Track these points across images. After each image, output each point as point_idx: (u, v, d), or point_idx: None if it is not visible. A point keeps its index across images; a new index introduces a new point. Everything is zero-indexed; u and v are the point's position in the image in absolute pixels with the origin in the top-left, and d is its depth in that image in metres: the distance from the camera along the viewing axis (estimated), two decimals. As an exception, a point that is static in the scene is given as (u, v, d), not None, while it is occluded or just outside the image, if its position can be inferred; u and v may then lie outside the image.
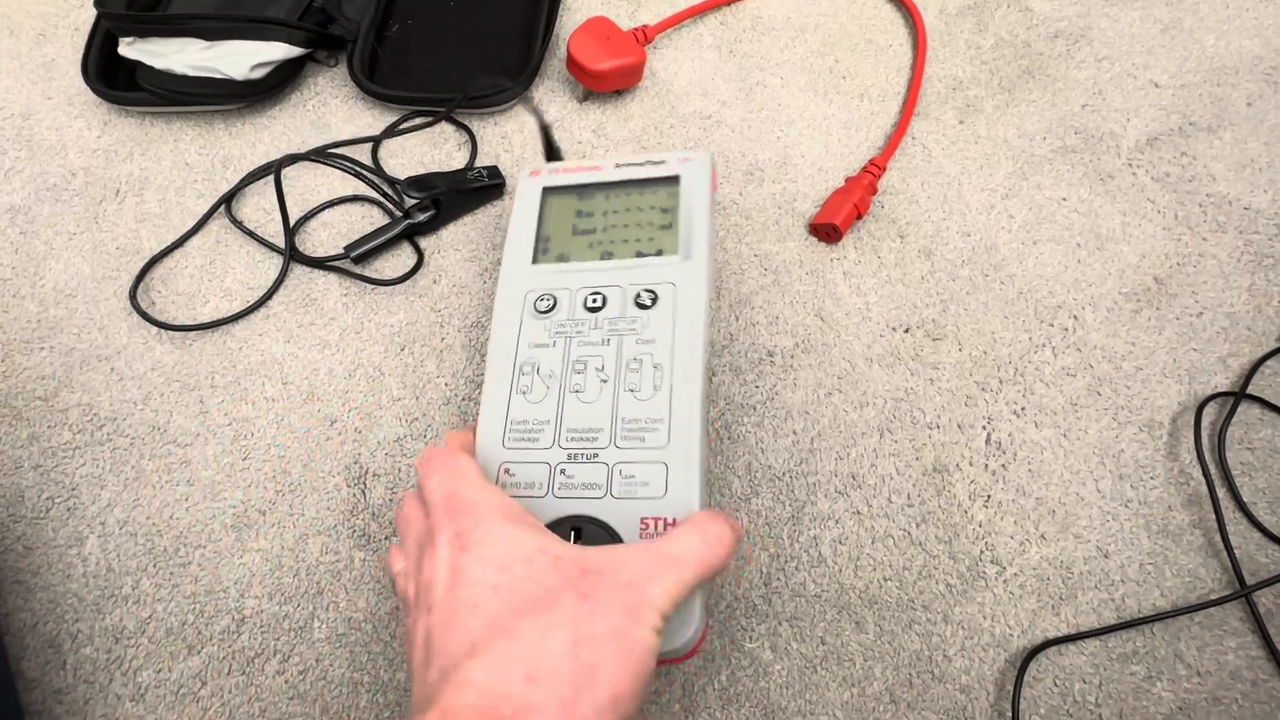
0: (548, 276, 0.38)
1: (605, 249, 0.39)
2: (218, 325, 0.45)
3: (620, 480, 0.32)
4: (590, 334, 0.36)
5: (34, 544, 0.40)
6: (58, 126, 0.53)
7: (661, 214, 0.40)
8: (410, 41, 0.56)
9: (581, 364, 0.35)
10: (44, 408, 0.44)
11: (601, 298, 0.36)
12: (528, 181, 0.41)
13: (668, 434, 0.33)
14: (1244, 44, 0.55)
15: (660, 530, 0.31)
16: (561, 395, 0.34)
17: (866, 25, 0.57)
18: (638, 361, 0.35)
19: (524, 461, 0.33)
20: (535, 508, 0.32)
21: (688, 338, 0.35)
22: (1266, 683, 0.36)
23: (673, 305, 0.36)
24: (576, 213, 0.40)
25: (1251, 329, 0.45)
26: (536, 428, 0.34)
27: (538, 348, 0.35)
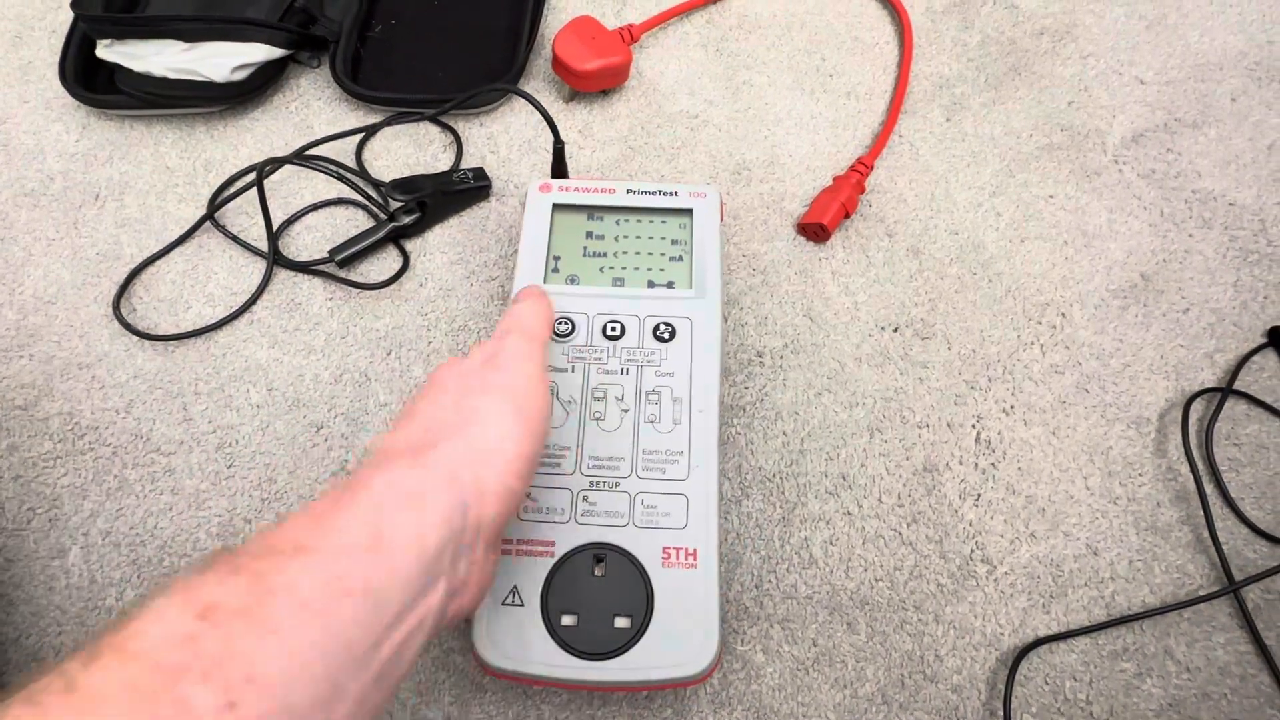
0: (562, 299, 0.38)
1: (616, 275, 0.39)
2: (201, 334, 0.45)
3: (642, 509, 0.33)
4: (609, 362, 0.36)
5: (15, 556, 0.40)
6: (35, 130, 0.52)
7: (672, 245, 0.41)
8: (394, 42, 0.56)
9: (601, 392, 0.36)
10: (24, 417, 0.43)
11: (620, 326, 0.37)
12: (537, 196, 0.42)
13: (687, 467, 0.34)
14: (1228, 40, 0.55)
15: (683, 559, 0.33)
16: (582, 422, 0.35)
17: (853, 23, 0.57)
18: (656, 394, 0.36)
19: (547, 486, 0.33)
20: (559, 533, 0.33)
21: (705, 374, 0.36)
22: (1255, 677, 0.37)
23: (689, 340, 0.37)
24: (586, 233, 0.41)
25: (1238, 325, 0.45)
26: (558, 453, 0.34)
27: (556, 372, 0.36)
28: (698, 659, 0.31)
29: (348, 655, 0.21)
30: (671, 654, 0.31)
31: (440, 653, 0.37)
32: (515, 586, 0.32)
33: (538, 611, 0.31)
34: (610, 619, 0.31)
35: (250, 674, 0.18)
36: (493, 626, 0.31)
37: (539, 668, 0.31)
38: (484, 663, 0.31)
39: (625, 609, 0.32)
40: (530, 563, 0.32)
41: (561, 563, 0.32)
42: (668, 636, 0.31)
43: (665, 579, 0.32)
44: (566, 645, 0.31)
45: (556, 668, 0.31)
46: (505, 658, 0.31)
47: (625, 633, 0.31)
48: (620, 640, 0.31)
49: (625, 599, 0.32)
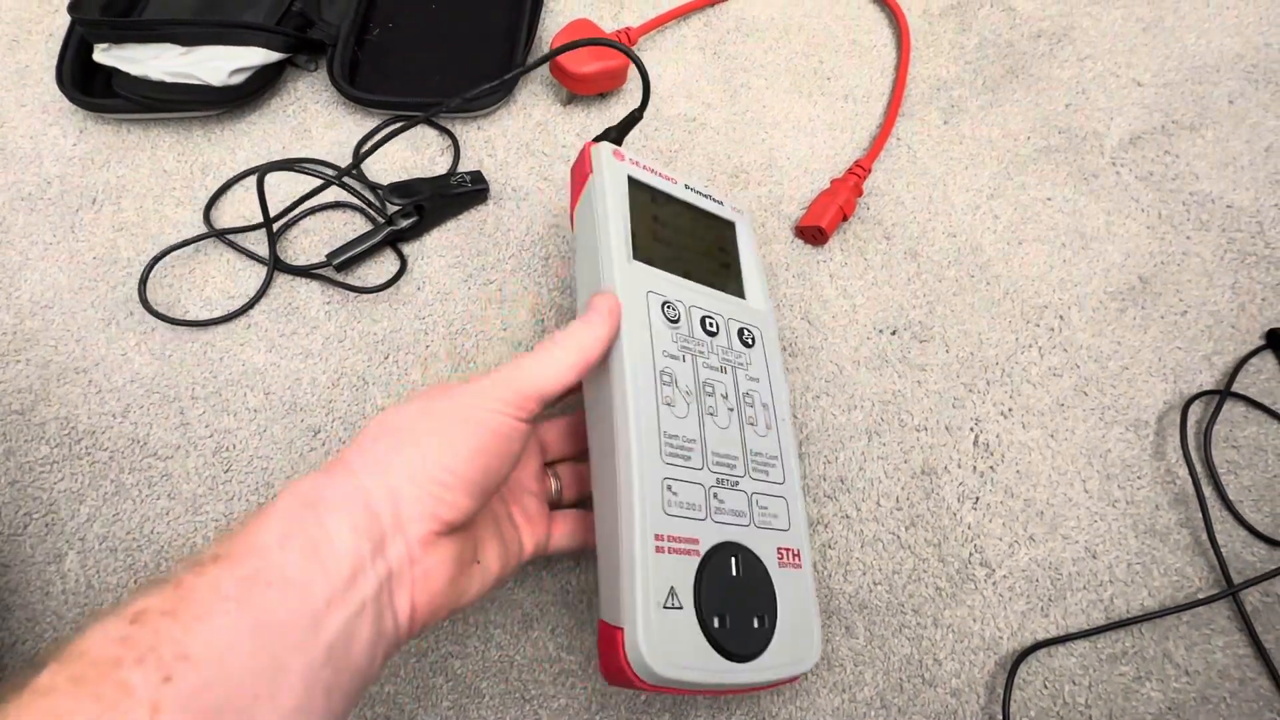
0: (656, 280, 0.35)
1: (685, 267, 0.37)
2: (224, 321, 0.45)
3: (758, 510, 0.33)
4: (710, 357, 0.35)
5: (11, 561, 0.39)
6: (32, 134, 0.52)
7: (720, 252, 0.40)
8: (391, 45, 0.55)
9: (710, 387, 0.34)
10: (20, 422, 0.43)
11: (716, 324, 0.36)
12: (613, 164, 0.37)
13: (784, 471, 0.35)
14: (1225, 42, 0.55)
15: (792, 560, 0.33)
16: (701, 415, 0.33)
17: (850, 26, 0.57)
18: (750, 397, 0.35)
19: (683, 480, 0.31)
20: (700, 531, 0.31)
21: (780, 384, 0.37)
22: (1254, 681, 0.37)
23: (763, 349, 0.37)
24: (654, 217, 0.38)
25: (1235, 327, 0.45)
26: (687, 445, 0.32)
27: (671, 359, 0.34)
28: (811, 654, 0.32)
29: (280, 634, 0.22)
30: (792, 651, 0.31)
31: (438, 658, 0.37)
32: (672, 588, 0.29)
33: (694, 614, 0.29)
34: (750, 619, 0.31)
35: (182, 653, 0.21)
36: (659, 635, 0.28)
37: (700, 674, 0.29)
38: (649, 674, 0.28)
39: (760, 609, 0.31)
40: (680, 561, 0.30)
41: (706, 561, 0.30)
42: (788, 634, 0.31)
43: (781, 579, 0.32)
44: (720, 648, 0.29)
45: (714, 673, 0.29)
46: (673, 666, 0.28)
47: (762, 633, 0.31)
48: (760, 640, 0.30)
49: (758, 599, 0.31)
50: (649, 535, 0.29)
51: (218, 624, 0.22)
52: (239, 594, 0.22)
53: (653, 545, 0.29)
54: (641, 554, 0.29)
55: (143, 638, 0.21)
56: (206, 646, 0.21)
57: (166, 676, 0.20)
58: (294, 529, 0.25)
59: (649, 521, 0.29)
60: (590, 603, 0.38)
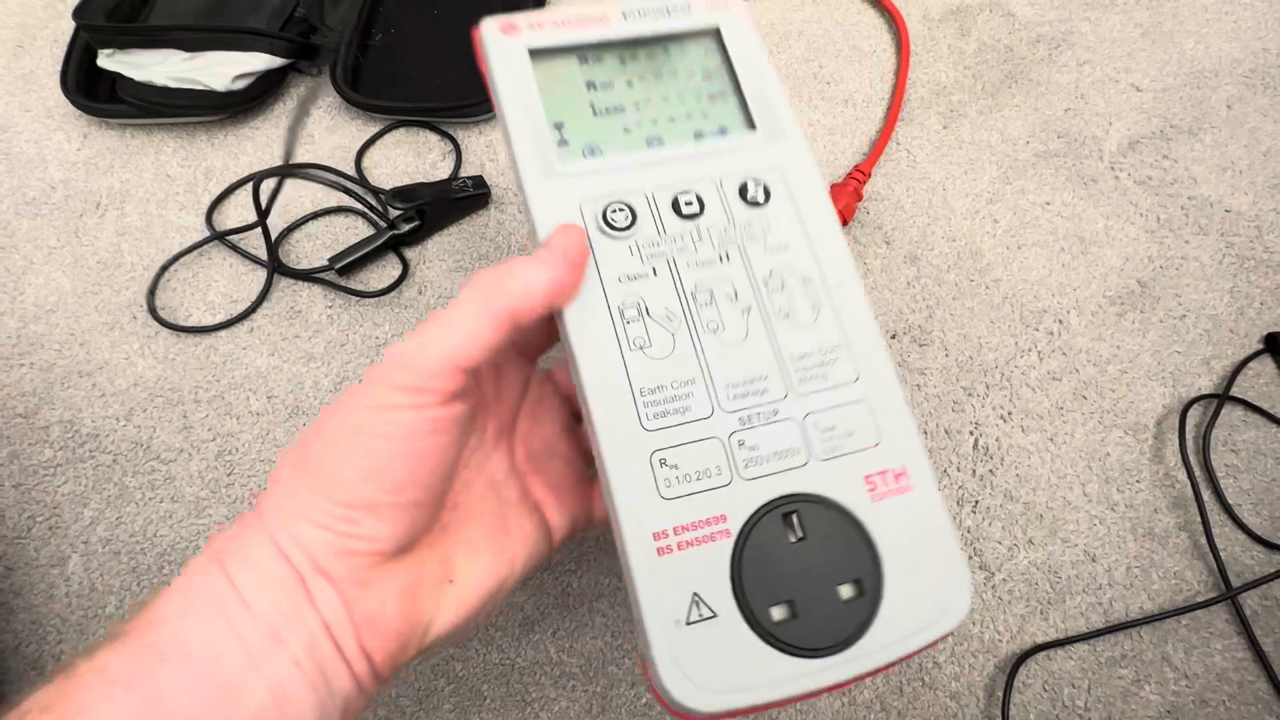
0: (598, 180, 0.27)
1: (648, 133, 0.28)
2: (226, 327, 0.46)
3: (820, 436, 0.24)
4: (698, 249, 0.26)
5: (15, 564, 0.40)
6: (37, 139, 0.53)
7: (705, 80, 0.30)
8: (393, 50, 0.56)
9: (706, 293, 0.26)
10: (24, 425, 0.43)
11: (696, 198, 0.27)
12: (501, 42, 0.29)
13: (854, 364, 0.25)
14: (1223, 47, 0.55)
15: (893, 484, 0.24)
16: (696, 339, 0.25)
17: (850, 31, 0.57)
18: (778, 277, 0.26)
19: (685, 443, 0.24)
20: (724, 502, 0.23)
21: (826, 236, 0.27)
22: (1253, 684, 0.37)
23: (789, 196, 0.27)
24: (587, 84, 0.29)
25: (1234, 331, 0.45)
26: (680, 392, 0.24)
27: (633, 280, 0.25)
28: (955, 601, 0.23)
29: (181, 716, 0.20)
30: (921, 608, 0.23)
31: (439, 660, 0.37)
32: (695, 595, 0.23)
33: (737, 616, 0.22)
34: (833, 592, 0.23)
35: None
36: (683, 662, 0.22)
37: (764, 690, 0.22)
38: (689, 710, 0.22)
39: (847, 573, 0.23)
40: (700, 555, 0.23)
41: (743, 540, 0.23)
42: (909, 590, 0.23)
43: (880, 516, 0.24)
44: (788, 647, 0.22)
45: (791, 681, 0.22)
46: (717, 693, 0.22)
47: (858, 604, 0.23)
48: (856, 616, 0.23)
49: (842, 560, 0.23)
50: (644, 537, 0.23)
51: (99, 714, 0.19)
52: (127, 676, 0.20)
53: (651, 549, 0.23)
54: (638, 563, 0.23)
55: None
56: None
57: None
58: (198, 592, 0.21)
59: (640, 519, 0.23)
60: (591, 605, 0.39)
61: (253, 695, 0.20)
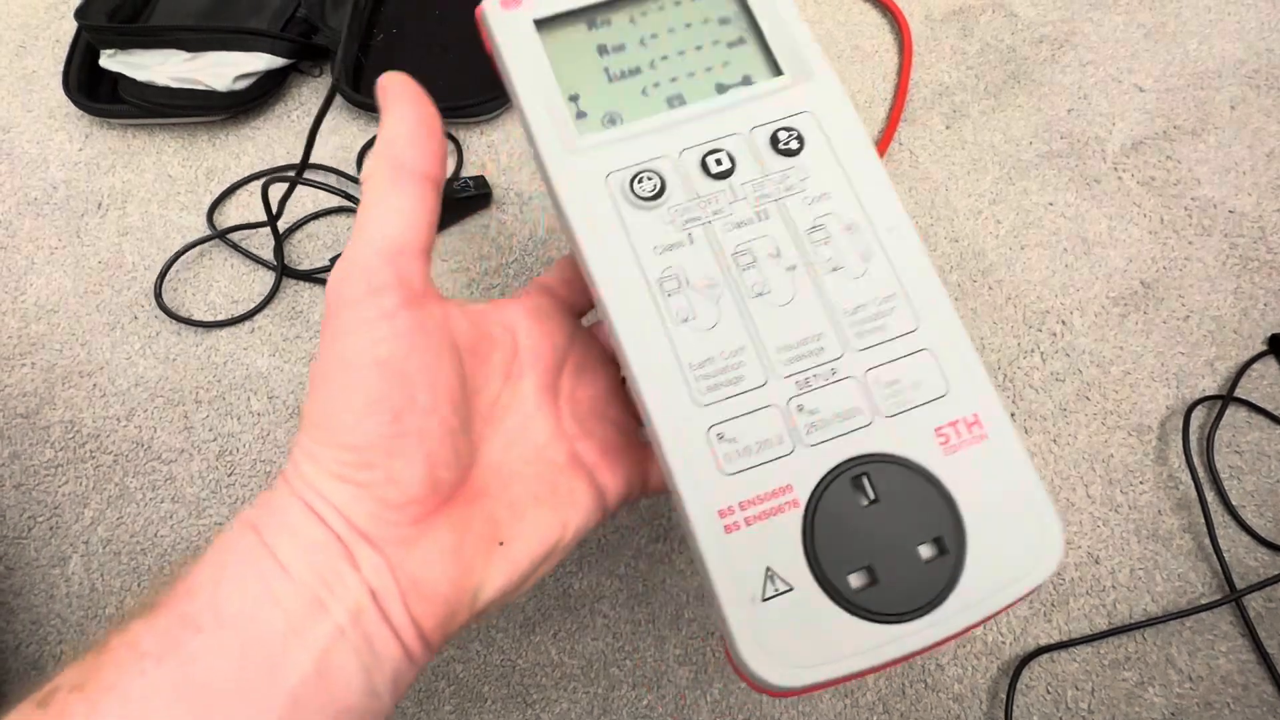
0: (620, 149, 0.26)
1: (669, 93, 0.27)
2: (233, 324, 0.46)
3: (883, 391, 0.23)
4: (733, 209, 0.25)
5: (16, 564, 0.40)
6: (39, 139, 0.53)
7: (721, 26, 0.28)
8: (395, 51, 0.56)
9: (747, 255, 0.25)
10: (25, 425, 0.43)
11: (727, 156, 0.26)
12: (504, 18, 0.27)
13: (912, 311, 0.24)
14: (1226, 47, 0.55)
15: (967, 434, 0.23)
16: (742, 305, 0.24)
17: (853, 31, 0.57)
18: (822, 228, 0.25)
19: (739, 415, 0.23)
20: (790, 471, 0.23)
21: (871, 179, 0.26)
22: (1257, 686, 0.36)
23: (827, 142, 0.26)
24: (598, 49, 0.28)
25: (1238, 332, 0.45)
26: (731, 363, 0.24)
27: (669, 251, 0.25)
28: (1047, 550, 0.22)
29: (217, 688, 0.19)
30: (1010, 560, 0.22)
31: (440, 662, 0.37)
32: (768, 569, 0.22)
33: (815, 587, 0.22)
34: (913, 553, 0.22)
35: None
36: (764, 638, 0.22)
37: (852, 660, 0.22)
38: (774, 686, 0.22)
39: (926, 532, 0.22)
40: (771, 528, 0.22)
41: (813, 508, 0.23)
42: (995, 541, 0.22)
43: (956, 468, 0.23)
44: (871, 614, 0.22)
45: (876, 649, 0.22)
46: (802, 667, 0.22)
47: (941, 563, 0.22)
48: (940, 576, 0.22)
49: (920, 519, 0.23)
50: (709, 516, 0.22)
51: (131, 690, 0.18)
52: (159, 649, 0.19)
53: (719, 527, 0.22)
54: (707, 544, 0.22)
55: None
56: (119, 715, 0.18)
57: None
58: (232, 559, 0.20)
59: (703, 498, 0.22)
60: (593, 607, 0.38)
61: (295, 665, 0.19)
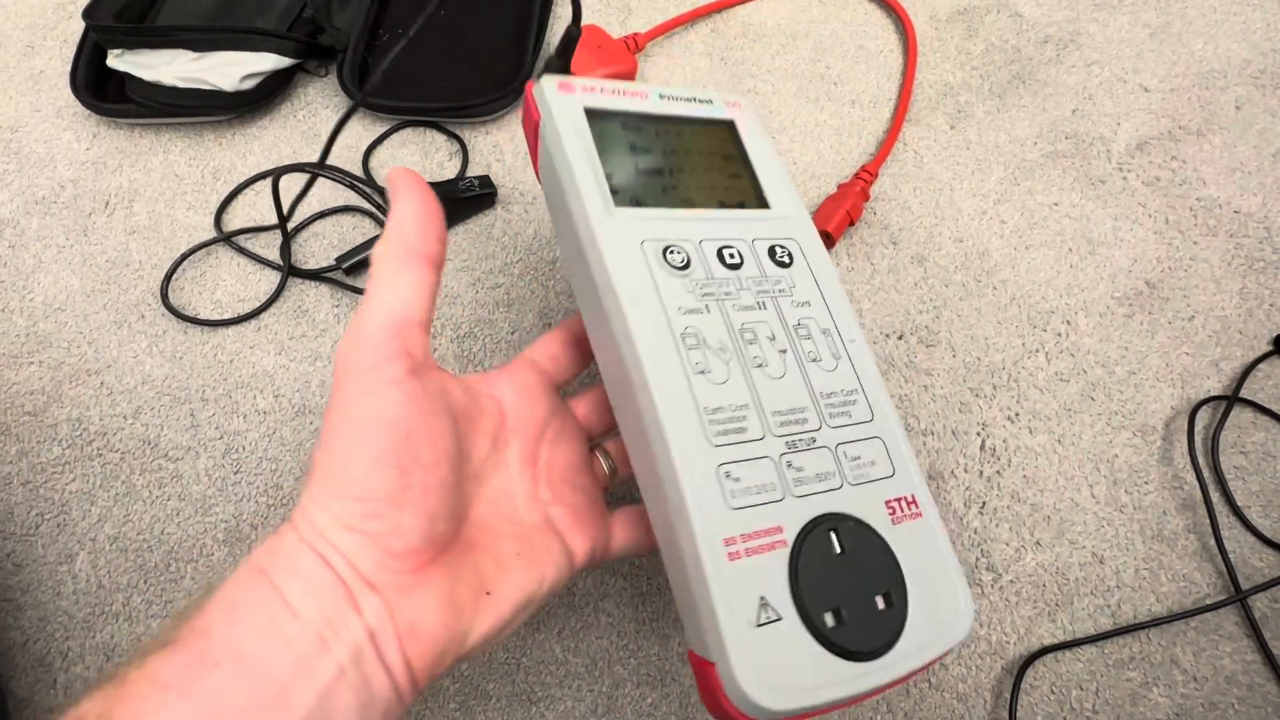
0: (650, 224, 0.30)
1: (683, 195, 0.32)
2: (239, 322, 0.46)
3: (849, 464, 0.27)
4: (740, 295, 0.29)
5: (23, 561, 0.40)
6: (46, 139, 0.53)
7: (725, 161, 0.34)
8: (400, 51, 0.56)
9: (750, 333, 0.29)
10: (33, 423, 0.43)
11: (737, 253, 0.30)
12: (561, 99, 0.31)
13: (868, 405, 0.29)
14: (1232, 48, 0.55)
15: (908, 510, 0.27)
16: (746, 371, 0.28)
17: (857, 32, 0.57)
18: (805, 328, 0.30)
19: (744, 460, 0.26)
20: (780, 514, 0.26)
21: (837, 299, 0.31)
22: (1262, 687, 0.36)
23: (807, 264, 0.31)
24: (631, 146, 0.32)
25: (1243, 332, 0.45)
26: (737, 415, 0.27)
27: (691, 314, 0.28)
28: (960, 619, 0.26)
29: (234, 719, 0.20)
30: (936, 623, 0.26)
31: (445, 659, 0.37)
32: (762, 598, 0.24)
33: (798, 619, 0.24)
34: (872, 602, 0.25)
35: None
36: (760, 662, 0.23)
37: (827, 691, 0.24)
38: (761, 710, 0.23)
39: (879, 585, 0.25)
40: (764, 562, 0.25)
41: (797, 550, 0.25)
42: (925, 604, 0.26)
43: (901, 537, 0.27)
44: (841, 650, 0.24)
45: (844, 683, 0.24)
46: (787, 694, 0.23)
47: (890, 615, 0.25)
48: (890, 625, 0.25)
49: (875, 574, 0.26)
50: (716, 543, 0.24)
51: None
52: (179, 682, 0.20)
53: (724, 554, 0.24)
54: (713, 569, 0.24)
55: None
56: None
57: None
58: (244, 600, 0.22)
59: (712, 526, 0.24)
60: (597, 605, 0.39)
61: (300, 700, 0.21)
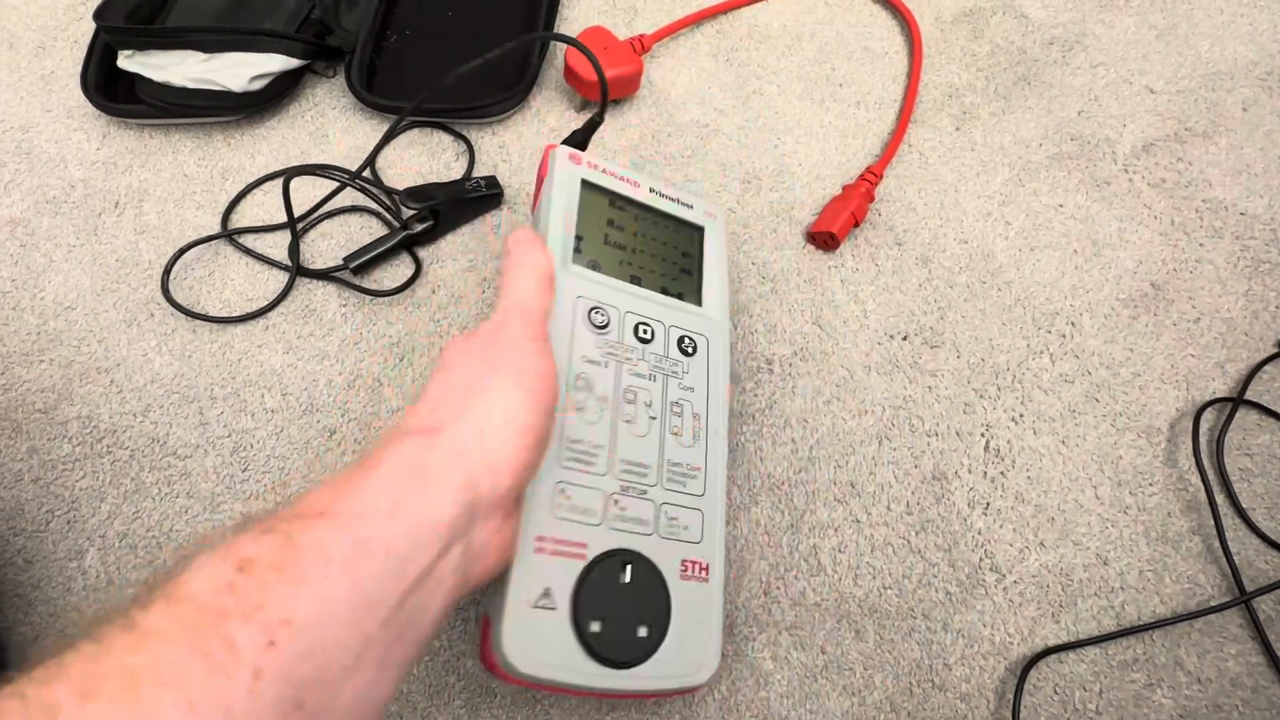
0: (592, 286, 0.36)
1: (633, 271, 0.38)
2: (245, 320, 0.46)
3: (665, 521, 0.33)
4: (639, 365, 0.35)
5: (34, 557, 0.40)
6: (57, 139, 0.53)
7: (683, 258, 0.40)
8: (408, 52, 0.56)
9: (633, 394, 0.35)
10: (43, 420, 0.44)
11: (651, 331, 0.37)
12: (567, 165, 0.39)
13: (704, 484, 0.35)
14: (1239, 49, 0.55)
15: (698, 573, 0.33)
16: (615, 423, 0.34)
17: (863, 33, 0.57)
18: (680, 406, 0.36)
19: (580, 485, 0.32)
20: (590, 536, 0.32)
21: (719, 396, 0.37)
22: (1267, 689, 0.36)
23: (707, 359, 0.37)
24: (609, 221, 0.39)
25: (1249, 334, 0.45)
26: (592, 451, 0.33)
27: (590, 364, 0.34)
28: (704, 669, 0.32)
29: (371, 609, 0.22)
30: (682, 664, 0.32)
31: (450, 656, 0.38)
32: (548, 589, 0.30)
33: (568, 616, 0.30)
34: (634, 627, 0.31)
35: (286, 618, 0.20)
36: (523, 631, 0.30)
37: (565, 674, 0.30)
38: (509, 668, 0.29)
39: (648, 618, 0.31)
40: (562, 564, 0.31)
41: (592, 567, 0.31)
42: (680, 647, 0.32)
43: (681, 591, 0.32)
44: (593, 652, 0.30)
45: (583, 675, 0.30)
46: (534, 664, 0.29)
47: (646, 642, 0.31)
48: (642, 649, 0.31)
49: (648, 608, 0.32)
50: (530, 536, 0.31)
51: (321, 592, 0.21)
52: (345, 561, 0.22)
53: (533, 546, 0.30)
54: (521, 552, 0.30)
55: (250, 591, 0.20)
56: (309, 613, 0.20)
57: (270, 641, 0.19)
58: (404, 498, 0.24)
59: (533, 523, 0.31)
60: (601, 604, 0.39)
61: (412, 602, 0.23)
